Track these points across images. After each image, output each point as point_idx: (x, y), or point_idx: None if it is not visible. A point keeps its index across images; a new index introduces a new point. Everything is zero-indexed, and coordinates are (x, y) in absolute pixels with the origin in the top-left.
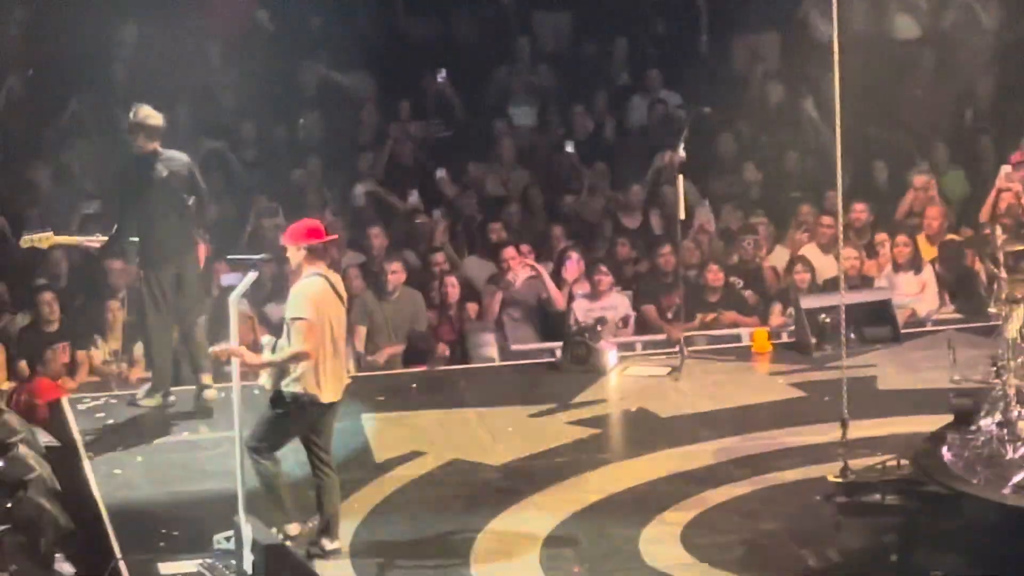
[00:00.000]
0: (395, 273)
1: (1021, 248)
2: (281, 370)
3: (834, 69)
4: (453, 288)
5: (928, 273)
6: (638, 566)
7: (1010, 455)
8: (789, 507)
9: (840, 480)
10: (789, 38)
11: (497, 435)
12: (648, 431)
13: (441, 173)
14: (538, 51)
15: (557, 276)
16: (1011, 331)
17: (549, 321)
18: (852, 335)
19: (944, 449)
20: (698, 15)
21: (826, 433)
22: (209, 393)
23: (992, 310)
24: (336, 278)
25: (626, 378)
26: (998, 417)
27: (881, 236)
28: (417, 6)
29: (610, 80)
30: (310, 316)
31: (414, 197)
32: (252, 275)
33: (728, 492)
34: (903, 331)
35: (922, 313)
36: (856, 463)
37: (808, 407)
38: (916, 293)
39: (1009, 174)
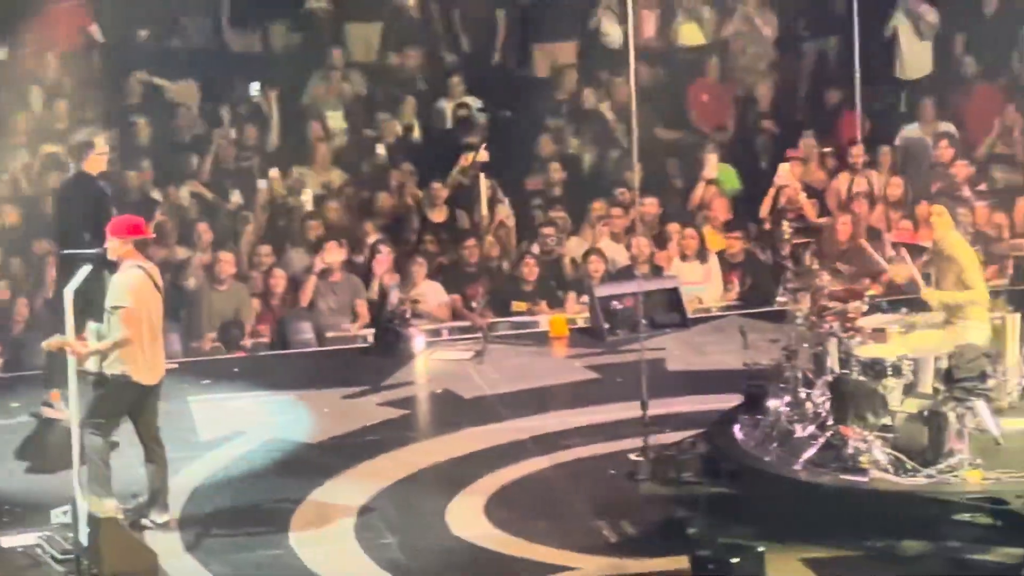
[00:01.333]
0: (224, 264)
1: (806, 241)
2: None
3: (630, 75)
4: (275, 280)
5: (713, 262)
6: (445, 536)
7: (799, 433)
8: (586, 482)
9: (640, 458)
10: (584, 45)
11: (313, 415)
12: (453, 411)
13: (270, 174)
14: (350, 60)
15: (368, 269)
16: (800, 317)
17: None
18: (643, 320)
19: (737, 428)
20: (496, 26)
21: (620, 412)
22: None
23: (780, 298)
24: (154, 269)
25: (433, 362)
26: (788, 398)
27: (672, 227)
28: (239, 18)
29: (415, 87)
30: (130, 304)
31: (236, 196)
32: (86, 268)
33: (529, 467)
34: (690, 316)
35: (707, 300)
36: (655, 441)
37: (602, 388)
38: (702, 281)
39: (787, 172)
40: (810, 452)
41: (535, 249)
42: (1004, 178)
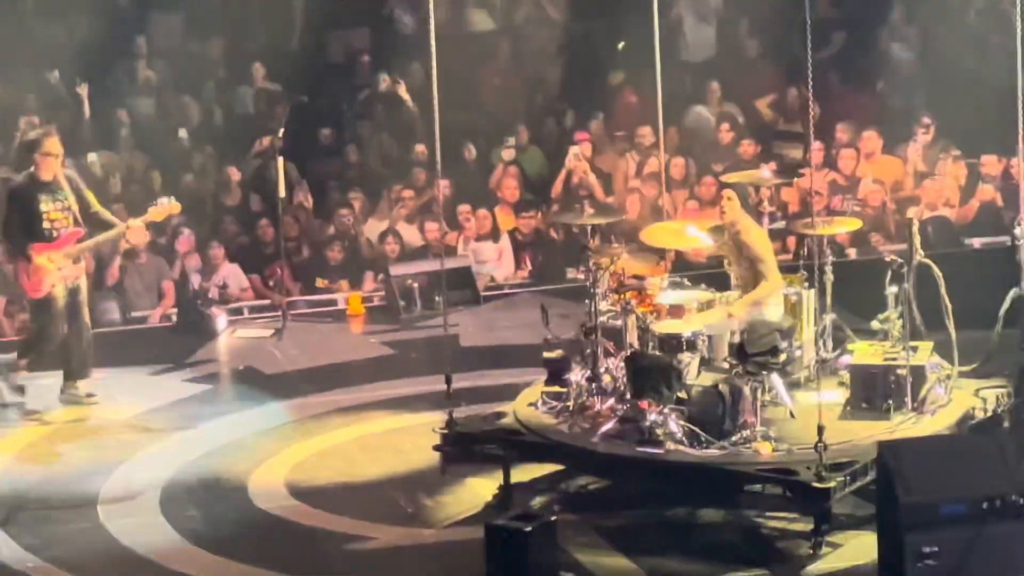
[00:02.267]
0: None
1: (605, 221)
2: None
3: (431, 60)
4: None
5: (505, 241)
6: (247, 508)
7: (598, 407)
8: (384, 454)
9: (445, 431)
10: (378, 32)
11: (122, 391)
12: (256, 387)
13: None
14: (154, 48)
15: (171, 250)
16: (599, 294)
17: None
18: (437, 298)
19: (539, 402)
20: (294, 14)
21: (415, 386)
22: None
23: (580, 274)
24: None
25: (235, 340)
26: (587, 373)
27: (464, 208)
28: (44, 8)
29: (216, 73)
30: None
31: None
32: None
33: (329, 440)
34: (483, 293)
35: (500, 278)
36: (457, 414)
37: (398, 363)
38: (494, 260)
39: (577, 154)
40: (608, 425)
41: (331, 230)
42: (789, 154)
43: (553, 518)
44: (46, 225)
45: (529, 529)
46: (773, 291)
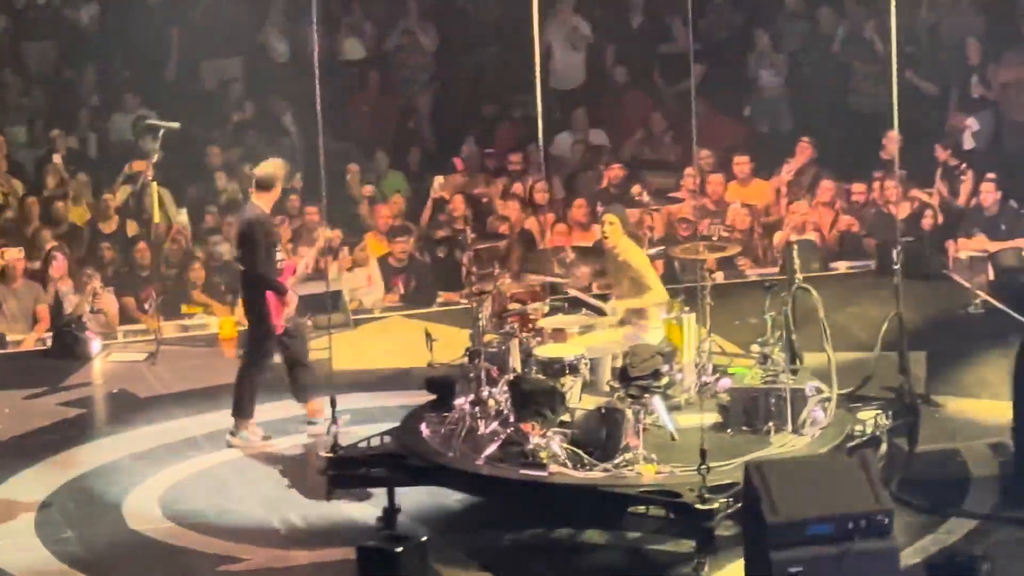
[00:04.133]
0: None
1: (488, 246)
2: None
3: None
4: None
5: (374, 267)
6: (122, 529)
7: (482, 430)
8: (257, 476)
9: (330, 455)
10: (251, 60)
11: None
12: (129, 410)
13: None
14: (28, 76)
15: (45, 274)
16: (483, 318)
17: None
18: (310, 322)
19: (423, 425)
20: (170, 44)
21: (289, 409)
22: None
23: (463, 300)
24: None
25: (109, 363)
26: (471, 396)
27: (335, 234)
28: None
29: (88, 101)
30: None
31: None
32: None
33: (202, 463)
34: (354, 317)
35: (369, 303)
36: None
37: (270, 386)
38: (364, 285)
39: (442, 183)
40: (491, 448)
41: (200, 254)
42: (657, 182)
43: (424, 539)
44: None
45: (400, 550)
46: (658, 301)
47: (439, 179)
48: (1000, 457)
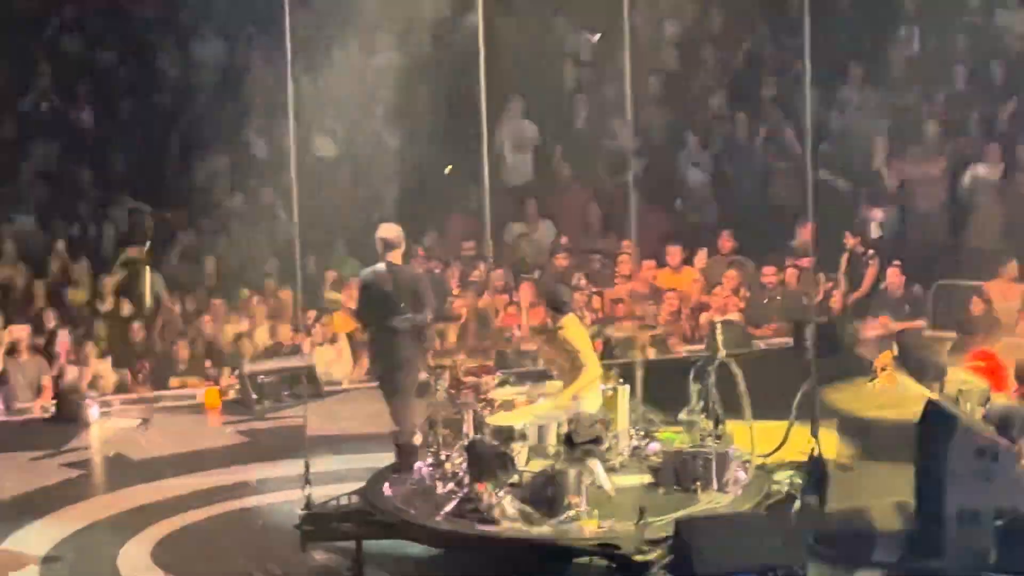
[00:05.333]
0: None
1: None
2: None
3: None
4: None
5: (343, 343)
6: None
7: (440, 490)
8: (241, 531)
9: (304, 511)
10: (236, 157)
11: (4, 475)
12: (124, 471)
13: None
14: (35, 170)
15: (49, 349)
16: (440, 393)
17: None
18: (286, 392)
19: (387, 485)
20: (168, 139)
21: (267, 471)
22: None
23: (423, 374)
24: None
25: (106, 428)
26: (431, 460)
27: (311, 314)
28: None
29: (88, 194)
30: None
31: None
32: None
33: (190, 518)
34: (325, 389)
35: (338, 375)
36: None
37: (252, 449)
38: (333, 360)
39: None
40: (449, 506)
41: (192, 332)
42: (596, 268)
43: None
44: None
45: None
46: (593, 379)
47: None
48: (903, 514)
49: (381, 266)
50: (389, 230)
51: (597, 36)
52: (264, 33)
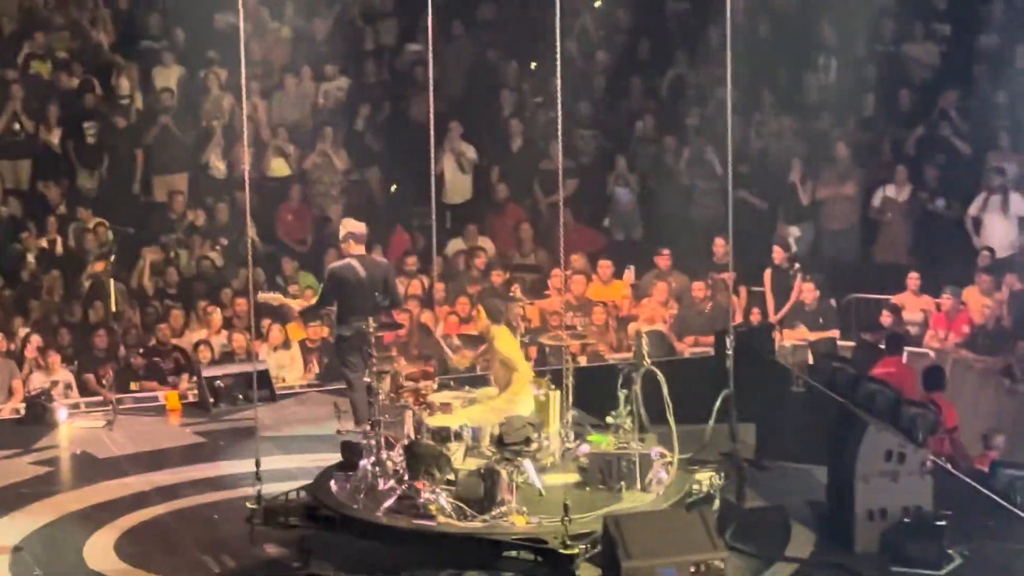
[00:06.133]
0: None
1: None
2: None
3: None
4: None
5: (296, 349)
6: (82, 569)
7: (382, 487)
8: (197, 524)
9: (254, 506)
10: (195, 176)
11: None
12: (90, 468)
13: None
14: (6, 187)
15: (20, 354)
16: (383, 393)
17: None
18: (240, 396)
19: (332, 482)
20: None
21: (223, 468)
22: None
23: (367, 379)
24: None
25: (73, 429)
26: (373, 458)
27: (265, 322)
28: None
29: (56, 210)
30: None
31: None
32: None
33: (150, 513)
34: (278, 392)
35: (290, 379)
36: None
37: (208, 449)
38: (286, 364)
39: None
40: (390, 502)
41: (152, 339)
42: (531, 281)
43: None
44: None
45: None
46: (524, 384)
47: None
48: (817, 511)
49: (352, 259)
50: (356, 225)
51: (533, 64)
52: (222, 60)
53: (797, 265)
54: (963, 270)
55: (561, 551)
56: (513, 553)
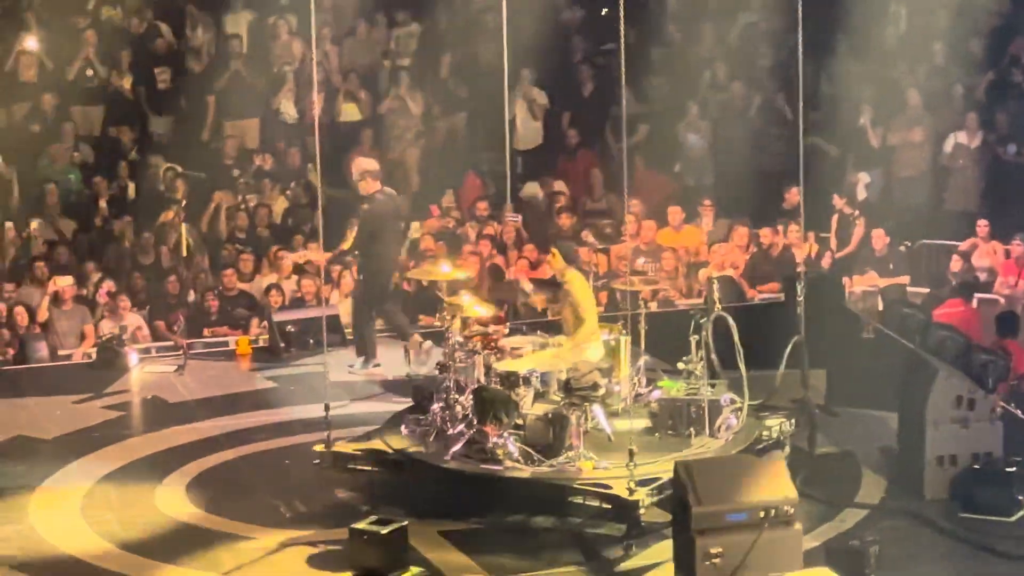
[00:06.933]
0: None
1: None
2: None
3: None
4: (18, 311)
5: None
6: (154, 513)
7: (450, 431)
8: (267, 469)
9: (324, 449)
10: (265, 121)
11: (50, 416)
12: (160, 413)
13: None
14: (79, 134)
15: (92, 299)
16: (453, 337)
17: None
18: (311, 341)
19: (403, 426)
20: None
21: (293, 413)
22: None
23: (436, 321)
24: None
25: (144, 374)
26: (441, 403)
27: (336, 269)
28: None
29: (128, 155)
30: None
31: None
32: None
33: (221, 458)
34: (348, 337)
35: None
36: (335, 435)
37: (279, 394)
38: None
39: (418, 227)
40: (457, 446)
41: (224, 284)
42: (603, 227)
43: (405, 523)
44: None
45: (385, 531)
46: (593, 331)
47: (415, 224)
48: (887, 457)
49: (380, 194)
50: (369, 162)
51: (604, 11)
52: (292, 6)
53: (858, 212)
54: None
55: (626, 497)
56: (579, 498)
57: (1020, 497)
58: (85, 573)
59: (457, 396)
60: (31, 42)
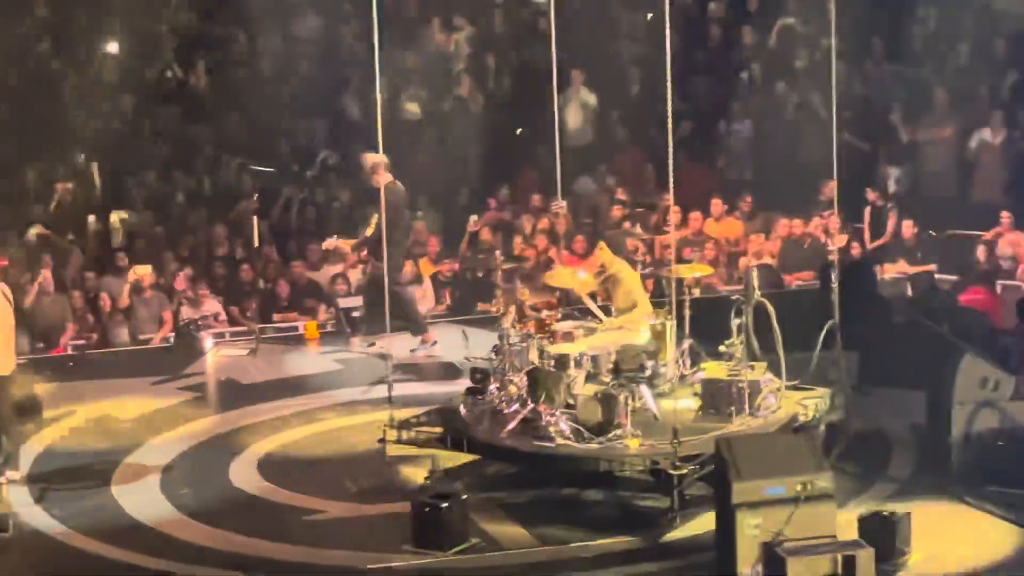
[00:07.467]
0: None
1: (514, 266)
2: None
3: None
4: (102, 298)
5: (427, 284)
6: (228, 487)
7: (505, 411)
8: (336, 446)
9: (387, 427)
10: (332, 120)
11: (132, 397)
12: (234, 394)
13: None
14: (157, 131)
15: (171, 287)
16: (507, 323)
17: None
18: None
19: (461, 406)
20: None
21: (358, 394)
22: None
23: (492, 308)
24: (6, 289)
25: (218, 356)
26: (498, 384)
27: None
28: (75, 103)
29: (203, 151)
30: None
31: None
32: None
33: (291, 436)
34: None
35: (422, 310)
36: (398, 415)
37: (346, 376)
38: (419, 297)
39: (476, 220)
40: (512, 424)
41: (293, 273)
42: (651, 218)
43: (464, 497)
44: None
45: (445, 505)
46: (642, 315)
47: (473, 217)
48: (916, 434)
49: (393, 185)
50: (378, 156)
51: (649, 15)
52: (356, 11)
53: (890, 204)
54: None
55: (671, 472)
56: (627, 472)
57: None
58: (163, 543)
59: (512, 377)
60: (112, 45)
